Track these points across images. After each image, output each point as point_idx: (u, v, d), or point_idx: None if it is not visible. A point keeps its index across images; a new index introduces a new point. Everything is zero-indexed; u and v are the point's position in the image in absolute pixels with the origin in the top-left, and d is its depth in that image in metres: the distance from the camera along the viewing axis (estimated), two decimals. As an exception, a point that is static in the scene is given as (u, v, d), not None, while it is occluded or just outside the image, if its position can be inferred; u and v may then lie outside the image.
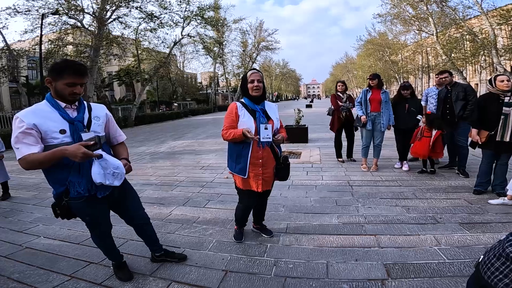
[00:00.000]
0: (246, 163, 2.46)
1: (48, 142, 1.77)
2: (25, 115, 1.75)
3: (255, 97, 2.48)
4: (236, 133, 2.38)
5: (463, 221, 3.00)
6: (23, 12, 15.79)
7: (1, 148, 4.59)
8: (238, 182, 2.57)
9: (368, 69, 37.91)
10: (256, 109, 2.48)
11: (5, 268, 2.53)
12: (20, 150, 1.70)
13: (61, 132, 1.79)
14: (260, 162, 2.48)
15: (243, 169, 2.47)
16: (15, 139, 1.72)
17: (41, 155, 1.71)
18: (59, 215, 1.92)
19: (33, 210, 4.07)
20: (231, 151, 2.57)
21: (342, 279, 2.18)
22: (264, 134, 2.40)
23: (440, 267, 2.24)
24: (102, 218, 2.14)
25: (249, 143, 2.45)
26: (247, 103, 2.51)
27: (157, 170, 6.14)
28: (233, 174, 2.61)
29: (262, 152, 2.48)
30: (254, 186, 2.51)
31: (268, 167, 2.52)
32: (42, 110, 1.80)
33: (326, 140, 8.53)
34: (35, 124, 1.72)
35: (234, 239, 2.86)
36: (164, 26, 20.34)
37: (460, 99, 4.51)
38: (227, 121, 2.49)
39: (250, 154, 2.45)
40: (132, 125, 19.60)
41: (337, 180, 4.70)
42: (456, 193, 3.82)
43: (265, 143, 2.46)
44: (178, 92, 43.57)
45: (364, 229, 2.94)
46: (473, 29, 20.00)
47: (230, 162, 2.59)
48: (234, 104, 2.52)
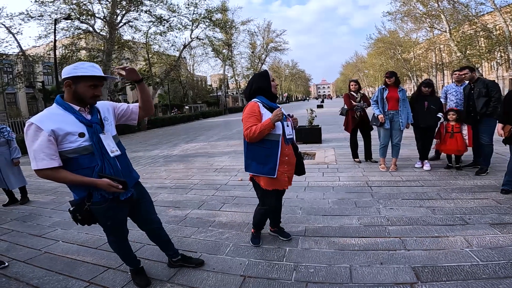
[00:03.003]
0: (276, 162, 2.38)
1: (65, 148, 1.73)
2: (40, 120, 1.68)
3: (274, 96, 2.49)
4: (264, 124, 2.28)
5: (494, 221, 2.84)
6: (36, 18, 16.31)
7: (17, 154, 4.67)
8: (265, 183, 2.45)
9: (380, 68, 37.38)
10: (276, 107, 2.42)
11: (24, 274, 2.53)
12: (42, 161, 1.66)
13: (80, 136, 1.76)
14: (287, 160, 2.43)
15: (273, 168, 2.38)
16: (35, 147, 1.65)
17: (69, 177, 1.72)
18: (80, 221, 1.84)
19: (51, 214, 4.12)
20: (257, 153, 2.42)
21: (367, 283, 2.08)
22: (288, 131, 2.42)
23: (474, 269, 2.12)
24: (123, 223, 2.10)
25: (277, 141, 2.38)
26: (265, 102, 2.44)
27: (171, 173, 6.14)
28: (255, 177, 2.51)
29: (287, 149, 2.44)
30: (282, 184, 2.45)
31: (292, 163, 2.50)
32: (56, 114, 1.75)
33: (341, 140, 8.38)
34: (53, 130, 1.67)
35: (252, 243, 2.77)
36: (173, 29, 20.67)
37: (482, 95, 4.32)
38: (251, 120, 2.34)
39: (280, 152, 2.38)
40: (145, 129, 19.85)
41: (355, 181, 4.57)
42: (483, 193, 3.63)
43: (289, 140, 2.45)
44: (189, 95, 43.97)
45: (388, 231, 2.81)
46: (487, 25, 19.44)
47: (256, 164, 2.43)
48: (255, 104, 2.41)
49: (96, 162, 1.79)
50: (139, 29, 19.80)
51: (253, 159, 2.46)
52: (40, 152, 1.65)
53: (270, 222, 2.90)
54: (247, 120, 2.36)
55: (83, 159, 1.77)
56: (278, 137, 2.37)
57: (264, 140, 2.36)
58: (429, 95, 4.79)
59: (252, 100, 2.49)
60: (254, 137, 2.31)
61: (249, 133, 2.31)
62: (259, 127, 2.28)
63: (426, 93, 4.78)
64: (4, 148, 4.57)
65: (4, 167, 4.53)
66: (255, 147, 2.42)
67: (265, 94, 2.46)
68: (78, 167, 1.76)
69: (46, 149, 1.66)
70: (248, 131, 2.31)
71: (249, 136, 2.32)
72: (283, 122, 2.39)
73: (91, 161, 1.79)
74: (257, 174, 2.45)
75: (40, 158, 1.65)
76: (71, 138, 1.73)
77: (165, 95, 38.14)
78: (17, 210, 4.42)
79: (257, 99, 2.45)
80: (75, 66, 1.75)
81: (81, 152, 1.76)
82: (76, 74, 1.73)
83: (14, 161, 4.63)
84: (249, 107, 2.42)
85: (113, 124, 2.02)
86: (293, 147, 2.54)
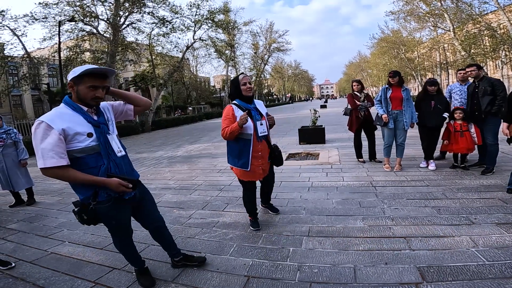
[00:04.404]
0: (248, 158, 2.78)
1: (73, 147, 1.75)
2: (51, 119, 1.70)
3: (248, 98, 2.79)
4: (233, 127, 2.65)
5: (500, 221, 2.81)
6: (40, 20, 16.46)
7: (25, 155, 4.73)
8: (240, 174, 2.92)
9: (383, 67, 37.16)
10: (250, 108, 2.78)
11: (31, 274, 2.56)
12: (51, 159, 1.67)
13: (88, 136, 1.79)
14: (260, 155, 2.84)
15: (245, 163, 2.79)
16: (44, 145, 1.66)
17: (80, 176, 1.74)
18: (86, 221, 1.85)
19: (57, 215, 4.15)
20: (232, 149, 2.87)
21: (371, 283, 2.07)
22: (261, 130, 2.79)
23: (480, 269, 2.10)
24: (127, 222, 2.11)
25: (249, 140, 2.76)
26: (240, 104, 2.80)
27: (175, 174, 6.17)
28: (232, 168, 2.94)
29: (260, 146, 2.83)
30: (255, 176, 2.90)
31: (265, 158, 2.91)
32: (66, 114, 1.78)
33: (344, 140, 8.35)
34: (63, 129, 1.69)
35: (252, 228, 3.09)
36: (176, 31, 20.68)
37: (487, 94, 4.27)
38: (225, 122, 2.75)
39: (252, 148, 2.77)
40: (149, 130, 19.94)
41: (359, 181, 4.55)
42: (489, 192, 3.60)
43: (262, 137, 2.83)
44: (192, 96, 44.12)
45: (393, 231, 2.80)
46: (491, 24, 19.26)
47: (231, 158, 2.90)
48: (230, 107, 2.80)
49: (102, 161, 1.83)
50: (142, 30, 19.91)
51: (230, 154, 2.93)
52: (49, 151, 1.66)
53: (261, 199, 3.48)
54: (223, 122, 2.78)
55: (90, 159, 1.80)
56: (249, 136, 2.75)
57: (238, 138, 2.77)
58: (435, 94, 4.75)
59: (229, 104, 2.87)
60: (227, 137, 2.74)
61: (223, 134, 2.75)
62: (229, 129, 2.68)
63: (432, 92, 4.73)
64: (11, 150, 4.63)
65: (11, 169, 4.60)
66: (231, 144, 2.89)
67: (240, 97, 2.80)
68: (85, 166, 1.78)
69: (56, 148, 1.67)
70: (223, 132, 2.74)
71: (224, 136, 2.77)
72: (255, 122, 2.76)
73: (97, 160, 1.82)
74: (233, 166, 2.91)
75: (49, 156, 1.66)
76: (80, 138, 1.76)
77: (168, 96, 38.31)
78: (24, 211, 4.47)
79: (235, 101, 2.83)
80: (75, 69, 1.78)
81: (88, 151, 1.79)
82: (75, 74, 1.74)
83: (22, 162, 4.69)
84: (224, 111, 2.83)
85: (114, 123, 2.07)
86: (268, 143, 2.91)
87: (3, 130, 4.57)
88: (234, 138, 2.74)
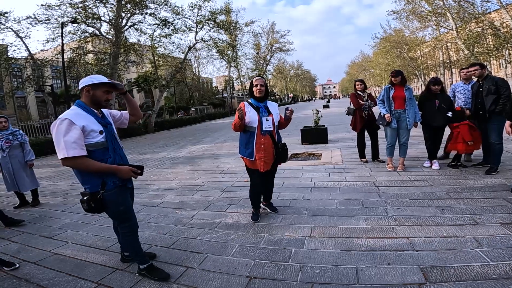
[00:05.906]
0: (252, 148, 3.14)
1: (87, 142, 2.05)
2: (73, 116, 2.01)
3: (259, 97, 3.15)
4: (235, 120, 3.09)
5: (504, 221, 2.78)
6: (43, 21, 16.54)
7: (31, 156, 4.77)
8: (248, 163, 3.26)
9: (386, 67, 36.98)
10: (260, 106, 3.15)
11: (35, 275, 2.58)
12: (74, 150, 1.95)
13: (100, 133, 2.12)
14: (262, 147, 3.13)
15: (251, 153, 3.15)
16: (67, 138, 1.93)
17: (97, 164, 2.06)
18: (93, 209, 2.10)
19: (61, 216, 4.18)
20: (242, 140, 3.27)
21: (374, 284, 2.06)
22: (266, 125, 3.11)
23: (484, 270, 2.08)
24: (131, 207, 2.38)
25: (254, 133, 3.12)
26: (253, 102, 3.19)
27: (177, 175, 6.18)
28: (243, 158, 3.28)
29: (263, 139, 3.13)
30: (258, 166, 3.16)
31: (268, 151, 3.16)
32: (81, 114, 2.09)
33: (347, 140, 8.32)
34: (83, 125, 2.02)
35: (252, 220, 3.34)
36: (178, 32, 20.70)
37: (491, 93, 4.24)
38: (235, 115, 3.13)
39: (256, 140, 3.11)
40: (152, 131, 20.01)
41: (362, 181, 4.53)
42: (493, 192, 3.57)
43: (266, 132, 3.13)
44: (195, 97, 44.18)
45: (395, 232, 2.78)
46: (494, 23, 19.12)
47: (242, 148, 3.28)
48: (242, 103, 3.19)
49: (108, 155, 2.16)
50: (144, 32, 19.95)
51: (240, 144, 3.31)
52: (72, 143, 1.95)
53: (263, 196, 3.58)
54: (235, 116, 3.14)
55: (99, 152, 2.12)
56: (254, 129, 3.12)
57: (246, 131, 3.18)
58: (439, 93, 4.71)
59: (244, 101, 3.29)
60: (234, 128, 3.18)
61: (232, 125, 3.19)
62: (233, 122, 3.15)
63: (436, 91, 4.69)
64: (17, 151, 4.67)
65: (18, 170, 4.63)
66: (241, 135, 3.29)
67: (253, 96, 3.20)
68: (94, 158, 2.08)
69: (78, 140, 1.98)
70: (232, 123, 3.18)
71: (232, 127, 3.21)
72: (261, 117, 3.10)
73: (104, 154, 2.15)
74: (242, 155, 3.27)
75: (72, 147, 1.95)
76: (93, 134, 2.08)
77: (171, 97, 38.38)
78: (28, 212, 4.50)
79: (250, 100, 3.24)
80: (92, 77, 2.16)
81: (98, 146, 2.11)
82: (94, 82, 2.13)
83: (28, 163, 4.74)
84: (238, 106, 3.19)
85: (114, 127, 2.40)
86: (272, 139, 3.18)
87: (10, 132, 4.61)
88: (241, 129, 3.17)
